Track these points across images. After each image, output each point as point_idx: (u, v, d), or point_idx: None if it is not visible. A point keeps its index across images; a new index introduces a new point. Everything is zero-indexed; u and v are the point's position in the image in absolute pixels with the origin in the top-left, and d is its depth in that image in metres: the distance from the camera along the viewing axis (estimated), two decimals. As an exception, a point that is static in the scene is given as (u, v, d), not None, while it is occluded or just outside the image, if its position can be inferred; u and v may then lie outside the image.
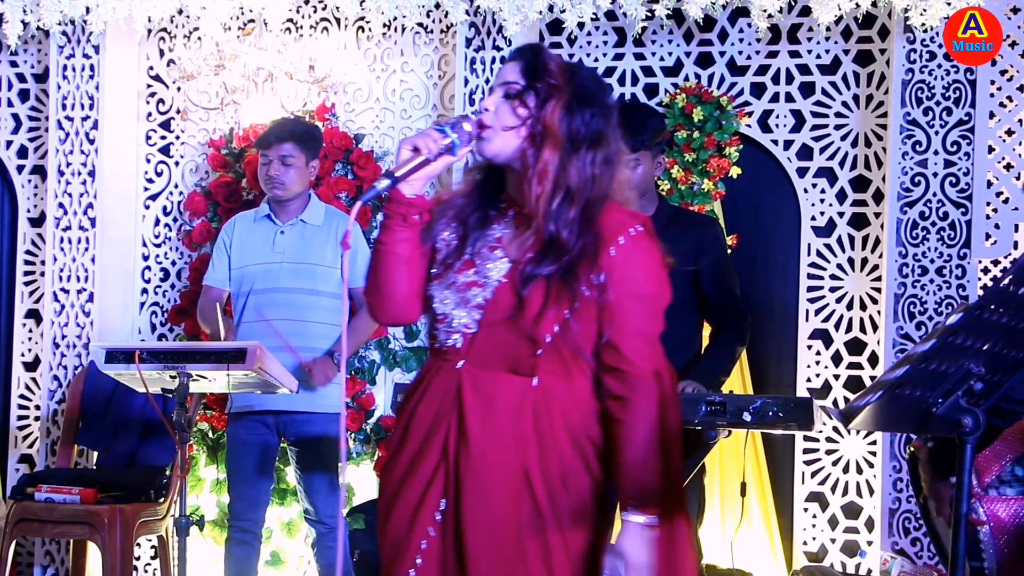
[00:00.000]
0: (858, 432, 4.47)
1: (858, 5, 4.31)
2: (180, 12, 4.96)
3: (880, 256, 4.51)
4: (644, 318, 2.13)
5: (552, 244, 2.10)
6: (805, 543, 4.57)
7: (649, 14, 4.50)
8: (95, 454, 4.80)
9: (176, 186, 5.19)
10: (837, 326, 4.60)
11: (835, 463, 4.56)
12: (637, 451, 2.09)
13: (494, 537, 2.10)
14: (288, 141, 4.00)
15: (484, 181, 2.23)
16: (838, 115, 4.64)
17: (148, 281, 5.20)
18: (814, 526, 4.57)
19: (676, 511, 2.13)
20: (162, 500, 4.42)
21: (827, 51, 4.65)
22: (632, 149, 3.42)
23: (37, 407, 5.16)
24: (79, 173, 5.10)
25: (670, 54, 4.80)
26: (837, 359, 4.59)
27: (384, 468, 2.23)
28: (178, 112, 5.17)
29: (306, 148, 4.06)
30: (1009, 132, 4.42)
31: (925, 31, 4.37)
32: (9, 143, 5.32)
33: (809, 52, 4.67)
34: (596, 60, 4.85)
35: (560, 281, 2.09)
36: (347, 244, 2.05)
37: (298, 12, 4.99)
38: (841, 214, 4.62)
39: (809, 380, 4.61)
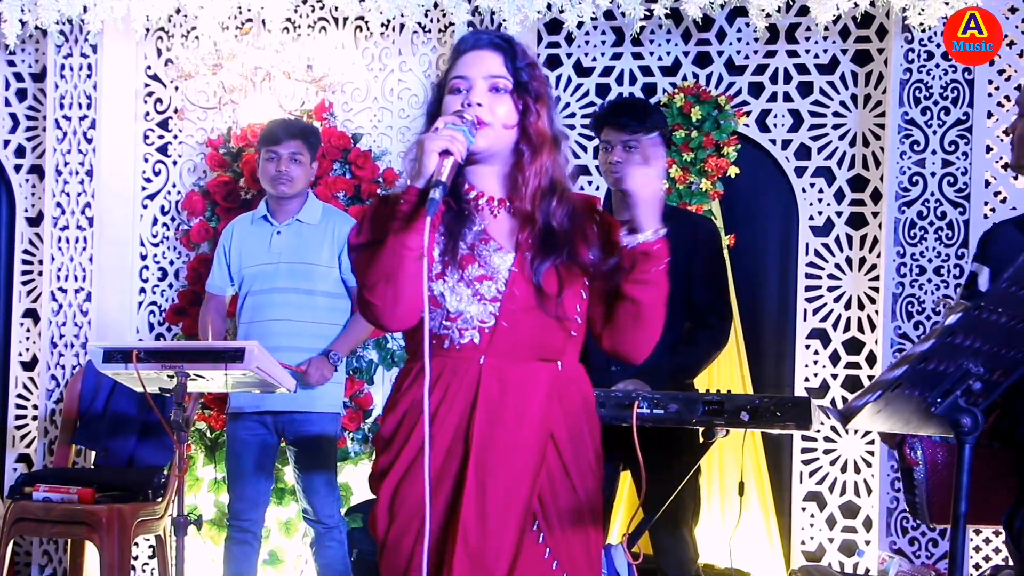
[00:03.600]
0: (856, 432, 4.47)
1: (856, 5, 4.32)
2: (178, 11, 4.96)
3: (878, 256, 4.51)
4: None
5: (549, 233, 2.17)
6: (803, 542, 4.58)
7: (647, 14, 4.50)
8: (93, 454, 4.79)
9: (174, 185, 5.19)
10: (835, 326, 4.60)
11: (833, 463, 4.56)
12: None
13: (514, 527, 2.11)
14: (297, 139, 4.03)
15: None
16: (836, 115, 4.64)
17: (146, 280, 5.20)
18: (812, 525, 4.57)
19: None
20: (160, 500, 4.42)
21: (825, 51, 4.65)
22: (631, 131, 3.40)
23: (35, 407, 5.15)
24: (77, 172, 5.10)
25: (668, 54, 4.80)
26: (835, 358, 4.60)
27: (400, 479, 2.13)
28: (176, 111, 5.17)
29: (311, 147, 4.11)
30: (1007, 132, 4.41)
31: (923, 31, 4.37)
32: (7, 142, 5.32)
33: (807, 52, 4.67)
34: (594, 60, 4.85)
35: (568, 262, 2.16)
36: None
37: (296, 11, 4.99)
38: (839, 213, 4.63)
39: (807, 379, 4.62)
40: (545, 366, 2.17)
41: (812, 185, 4.66)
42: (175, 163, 5.20)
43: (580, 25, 4.60)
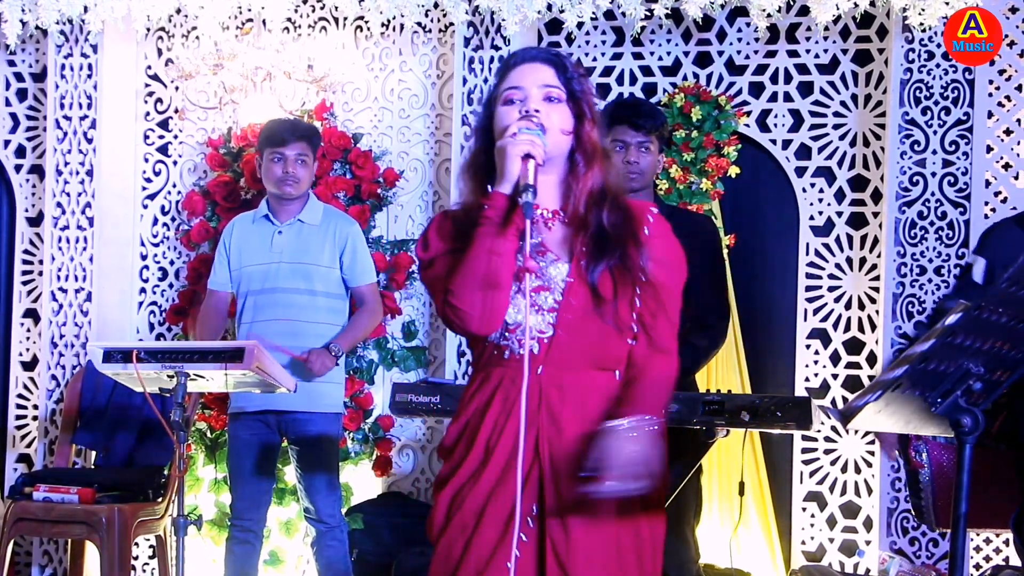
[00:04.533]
0: (856, 431, 4.47)
1: (856, 5, 4.31)
2: (178, 11, 4.96)
3: (878, 256, 4.51)
4: (675, 304, 2.25)
5: (602, 236, 2.18)
6: (803, 543, 4.57)
7: (648, 14, 4.50)
8: (93, 454, 4.79)
9: (174, 185, 5.19)
10: (835, 325, 4.60)
11: (833, 463, 4.56)
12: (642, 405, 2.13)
13: (597, 533, 2.12)
14: (303, 140, 4.04)
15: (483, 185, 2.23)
16: (836, 115, 4.64)
17: (146, 280, 5.20)
18: (812, 525, 4.57)
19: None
20: (160, 500, 4.42)
21: (825, 51, 4.65)
22: (647, 133, 3.45)
23: (35, 407, 5.15)
24: (77, 172, 5.09)
25: (668, 54, 4.80)
26: (835, 358, 4.60)
27: (461, 486, 2.16)
28: (176, 111, 5.17)
29: (314, 148, 4.13)
30: (1007, 132, 4.42)
31: (923, 31, 4.37)
32: (7, 142, 5.32)
33: (807, 52, 4.67)
34: (595, 60, 4.85)
35: (621, 267, 2.17)
36: (531, 269, 2.13)
37: (296, 11, 4.99)
38: (840, 213, 4.63)
39: (807, 379, 4.61)
40: (602, 375, 2.18)
41: (812, 185, 4.66)
42: (175, 163, 5.20)
43: (580, 25, 4.60)
